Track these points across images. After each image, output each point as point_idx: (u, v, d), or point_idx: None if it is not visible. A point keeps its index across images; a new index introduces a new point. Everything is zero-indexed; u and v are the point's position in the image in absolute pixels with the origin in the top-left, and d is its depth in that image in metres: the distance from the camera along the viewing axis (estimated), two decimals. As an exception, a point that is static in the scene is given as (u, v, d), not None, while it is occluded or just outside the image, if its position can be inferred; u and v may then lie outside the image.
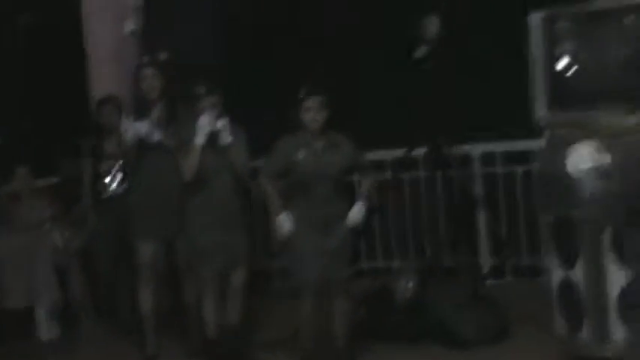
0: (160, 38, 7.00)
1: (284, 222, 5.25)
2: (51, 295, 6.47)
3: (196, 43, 7.03)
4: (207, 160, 5.42)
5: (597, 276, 4.87)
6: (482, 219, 6.65)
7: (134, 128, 5.69)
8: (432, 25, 5.93)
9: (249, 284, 5.70)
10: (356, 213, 5.28)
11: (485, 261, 6.71)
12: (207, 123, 5.39)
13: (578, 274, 4.94)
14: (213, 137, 5.41)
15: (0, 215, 6.66)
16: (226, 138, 5.42)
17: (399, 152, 6.63)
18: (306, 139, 5.23)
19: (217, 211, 5.51)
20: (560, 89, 5.07)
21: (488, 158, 6.69)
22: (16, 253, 6.36)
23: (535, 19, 5.19)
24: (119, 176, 6.35)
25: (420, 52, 5.96)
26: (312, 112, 5.16)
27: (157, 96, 5.79)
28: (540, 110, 5.10)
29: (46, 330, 6.55)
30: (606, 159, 4.82)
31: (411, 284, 5.86)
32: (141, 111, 5.81)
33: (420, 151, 6.50)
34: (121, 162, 6.23)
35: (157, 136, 5.67)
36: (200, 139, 5.39)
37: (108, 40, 7.17)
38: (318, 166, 5.18)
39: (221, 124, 5.41)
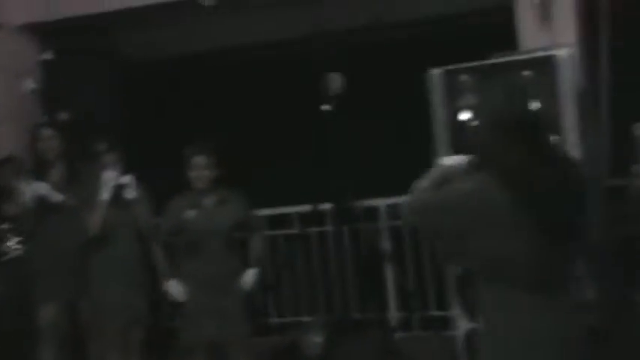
0: (61, 97, 6.91)
1: (174, 289, 5.21)
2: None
3: (94, 102, 6.98)
4: (111, 215, 5.40)
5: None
6: (389, 272, 6.69)
7: (33, 189, 5.58)
8: (335, 82, 6.02)
9: (149, 341, 5.63)
10: (249, 278, 5.26)
11: (394, 314, 6.74)
12: (111, 178, 5.37)
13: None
14: (117, 193, 5.38)
15: None
16: (131, 193, 5.40)
17: (306, 207, 6.64)
18: (195, 197, 5.22)
19: (119, 268, 5.48)
20: (462, 142, 5.18)
21: (394, 211, 6.76)
22: None
23: (436, 73, 5.31)
24: (18, 238, 6.20)
25: (325, 107, 6.03)
26: (198, 170, 5.17)
27: (55, 156, 5.73)
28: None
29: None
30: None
31: (319, 339, 5.83)
32: (39, 171, 5.73)
33: (326, 206, 6.52)
34: (19, 224, 6.09)
35: (56, 196, 5.57)
36: (105, 194, 5.38)
37: (7, 99, 7.05)
38: (208, 224, 5.17)
39: (126, 179, 5.40)
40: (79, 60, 6.99)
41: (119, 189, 5.40)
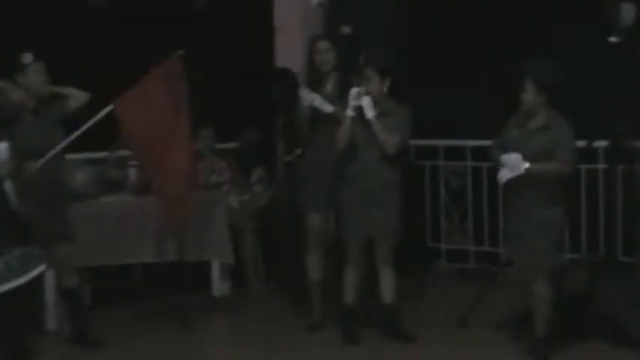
0: (346, 11, 7.07)
1: None
2: (224, 253, 6.70)
3: (379, 19, 7.07)
4: (356, 132, 5.52)
5: None
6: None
7: (308, 100, 5.74)
8: (629, 12, 5.72)
9: (397, 260, 5.73)
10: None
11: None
12: (354, 97, 5.47)
13: None
14: (360, 111, 5.49)
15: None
16: (369, 113, 5.47)
17: (580, 142, 6.43)
18: (521, 119, 5.22)
19: (361, 183, 5.58)
20: None
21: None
22: (194, 210, 6.57)
23: None
24: (295, 146, 6.48)
25: (614, 38, 5.76)
26: (527, 94, 5.13)
27: (330, 69, 5.84)
28: None
29: (218, 286, 6.81)
30: None
31: (582, 277, 5.72)
32: (315, 83, 5.86)
33: (601, 143, 6.30)
34: (295, 132, 6.36)
35: (328, 108, 5.69)
36: (349, 112, 5.48)
37: (295, 10, 7.33)
38: (524, 147, 5.11)
39: (365, 100, 5.46)
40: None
41: (360, 107, 5.48)
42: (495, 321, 5.82)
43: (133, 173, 6.56)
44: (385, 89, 5.58)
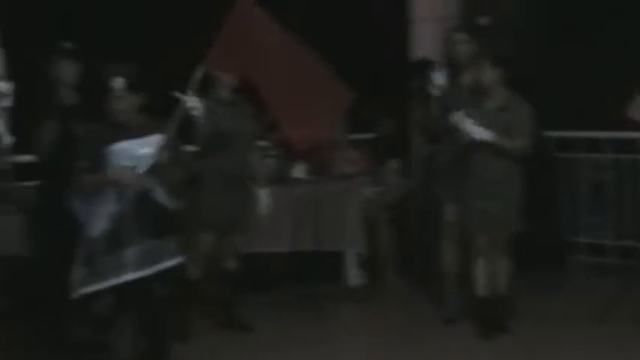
0: (484, 2, 6.99)
1: None
2: (359, 244, 6.73)
3: (519, 11, 6.95)
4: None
5: None
6: None
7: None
8: None
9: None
10: None
11: None
12: (464, 130, 5.42)
13: None
14: None
15: (322, 164, 6.98)
16: (485, 136, 5.39)
17: None
18: None
19: (480, 176, 5.54)
20: None
21: None
22: (329, 200, 6.65)
23: None
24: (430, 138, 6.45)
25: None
26: None
27: (466, 61, 5.75)
28: None
29: (353, 276, 6.85)
30: None
31: None
32: (452, 74, 5.80)
33: None
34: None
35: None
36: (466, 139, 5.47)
37: (432, 1, 7.30)
38: None
39: (475, 130, 5.39)
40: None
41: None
42: (637, 318, 5.65)
43: (270, 163, 6.65)
44: (496, 78, 5.47)
